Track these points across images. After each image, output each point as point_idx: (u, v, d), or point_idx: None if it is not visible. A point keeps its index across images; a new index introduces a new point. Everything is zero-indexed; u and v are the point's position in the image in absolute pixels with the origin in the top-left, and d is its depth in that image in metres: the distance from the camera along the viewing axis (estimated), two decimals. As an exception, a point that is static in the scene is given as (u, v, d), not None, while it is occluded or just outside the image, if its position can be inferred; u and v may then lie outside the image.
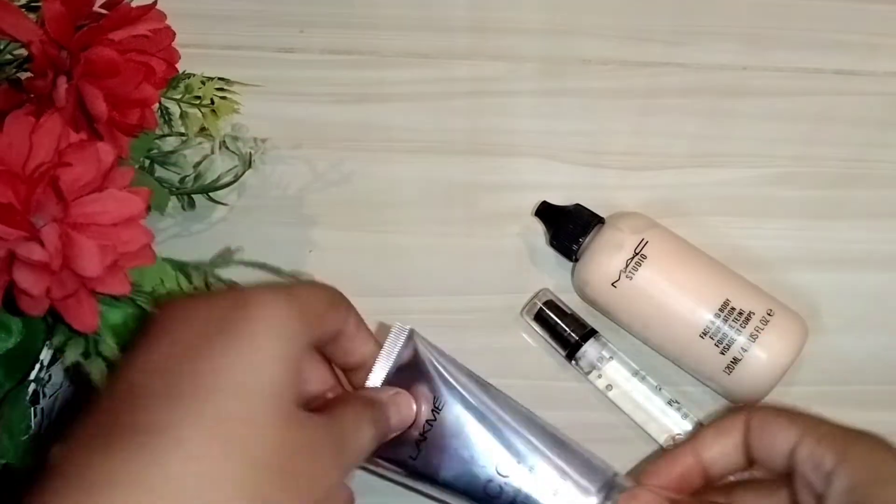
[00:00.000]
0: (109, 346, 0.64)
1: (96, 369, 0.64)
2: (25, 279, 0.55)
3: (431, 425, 0.65)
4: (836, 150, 0.87)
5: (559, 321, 0.80)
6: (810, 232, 0.84)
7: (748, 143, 0.87)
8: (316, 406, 0.57)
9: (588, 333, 0.80)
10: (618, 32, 0.90)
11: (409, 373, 0.66)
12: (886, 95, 0.88)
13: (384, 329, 0.70)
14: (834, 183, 0.86)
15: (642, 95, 0.88)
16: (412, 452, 0.65)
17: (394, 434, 0.63)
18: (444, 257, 0.84)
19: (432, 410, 0.65)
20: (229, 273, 0.77)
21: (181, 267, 0.73)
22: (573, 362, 0.80)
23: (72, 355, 0.63)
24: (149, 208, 0.74)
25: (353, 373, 0.65)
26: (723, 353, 0.74)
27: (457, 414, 0.65)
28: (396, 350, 0.67)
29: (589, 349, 0.79)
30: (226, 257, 0.79)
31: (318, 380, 0.64)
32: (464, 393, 0.66)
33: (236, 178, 0.82)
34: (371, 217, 0.85)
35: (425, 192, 0.86)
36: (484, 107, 0.88)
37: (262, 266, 0.79)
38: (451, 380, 0.66)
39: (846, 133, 0.87)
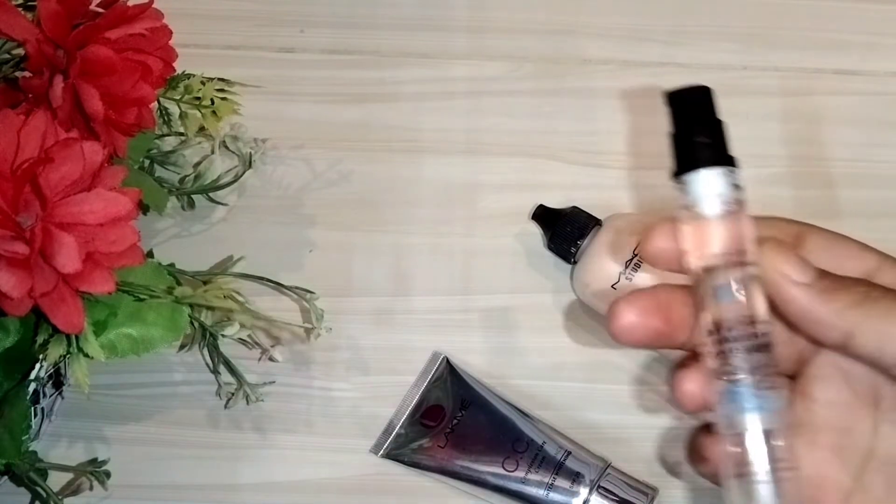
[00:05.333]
0: (92, 344, 0.63)
1: (78, 368, 0.64)
2: (7, 281, 0.55)
3: (459, 420, 0.77)
4: (835, 150, 0.86)
5: None
6: (810, 232, 0.84)
7: (748, 143, 0.85)
8: None
9: None
10: (618, 32, 0.90)
11: (443, 381, 0.79)
12: (886, 95, 0.88)
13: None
14: (833, 183, 0.86)
15: (642, 95, 0.88)
16: (441, 443, 0.77)
17: None
18: (444, 257, 0.84)
19: (460, 408, 0.77)
20: (228, 283, 0.77)
21: (173, 274, 0.73)
22: None
23: (54, 354, 0.63)
24: (145, 209, 0.75)
25: None
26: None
27: (479, 409, 0.78)
28: (434, 367, 0.80)
29: None
30: (224, 267, 0.79)
31: None
32: (484, 394, 0.78)
33: (236, 178, 0.82)
34: (371, 217, 0.85)
35: (425, 192, 0.86)
36: (484, 107, 0.88)
37: (261, 279, 0.79)
38: (474, 386, 0.79)
39: (846, 133, 0.87)
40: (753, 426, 0.45)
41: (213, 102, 0.78)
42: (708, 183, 0.46)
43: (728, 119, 0.86)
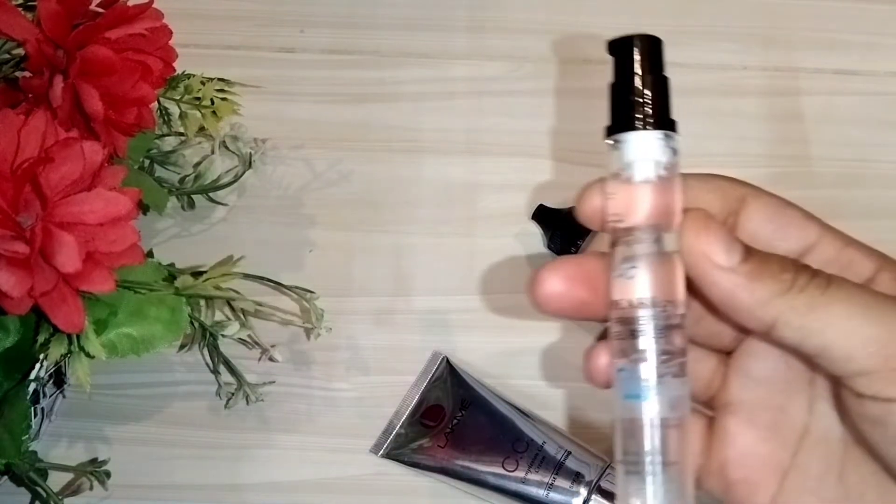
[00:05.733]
0: (93, 343, 0.63)
1: (79, 367, 0.64)
2: (7, 280, 0.55)
3: (459, 420, 0.76)
4: (835, 150, 0.87)
5: None
6: (809, 232, 0.84)
7: (748, 143, 0.86)
8: None
9: None
10: (617, 32, 0.90)
11: (443, 381, 0.79)
12: (886, 95, 0.88)
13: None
14: (833, 183, 0.86)
15: (642, 95, 0.88)
16: (441, 443, 0.76)
17: None
18: (444, 257, 0.84)
19: (460, 408, 0.77)
20: (226, 283, 0.77)
21: (172, 273, 0.73)
22: None
23: (55, 354, 0.63)
24: (145, 208, 0.75)
25: None
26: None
27: (479, 409, 0.77)
28: (434, 367, 0.80)
29: None
30: (224, 267, 0.79)
31: None
32: (484, 394, 0.78)
33: (236, 179, 0.82)
34: (371, 217, 0.85)
35: (425, 192, 0.86)
36: (484, 107, 0.88)
37: (261, 279, 0.79)
38: (474, 386, 0.79)
39: (846, 133, 0.87)
40: (647, 413, 0.43)
41: (212, 102, 0.78)
42: (643, 146, 0.43)
43: (728, 119, 0.87)
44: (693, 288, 0.43)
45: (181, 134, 0.80)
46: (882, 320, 0.39)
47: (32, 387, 0.68)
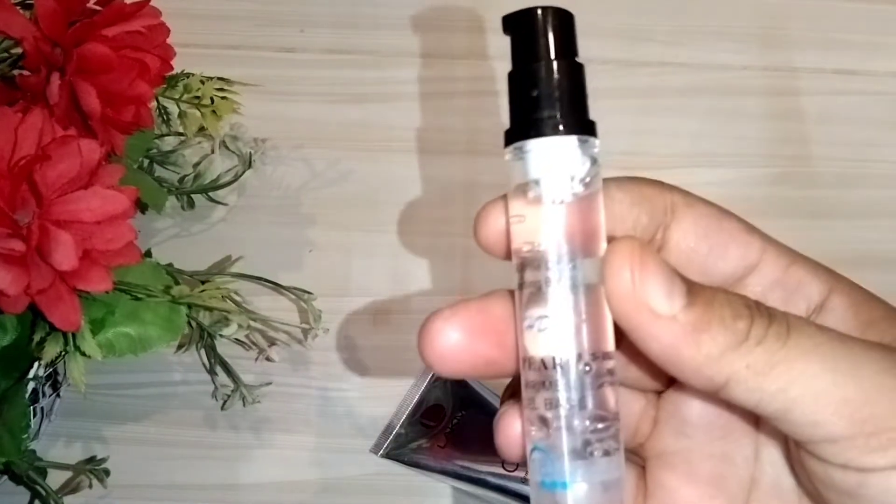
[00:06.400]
0: (89, 342, 0.63)
1: (75, 367, 0.64)
2: (3, 278, 0.55)
3: (459, 420, 0.76)
4: (836, 150, 0.86)
5: None
6: (809, 232, 0.84)
7: (748, 143, 0.86)
8: None
9: None
10: (618, 32, 0.90)
11: (443, 381, 0.78)
12: (886, 95, 0.88)
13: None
14: (834, 183, 0.86)
15: (642, 95, 0.88)
16: (441, 443, 0.76)
17: None
18: (444, 257, 0.84)
19: (460, 408, 0.77)
20: (227, 283, 0.77)
21: (171, 273, 0.73)
22: None
23: (50, 352, 0.63)
24: (143, 207, 0.75)
25: None
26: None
27: (479, 409, 0.77)
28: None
29: None
30: (222, 267, 0.79)
31: None
32: (484, 394, 0.78)
33: (236, 178, 0.82)
34: (370, 217, 0.85)
35: (425, 192, 0.86)
36: (484, 107, 0.88)
37: (259, 280, 0.79)
38: (474, 386, 0.79)
39: (846, 133, 0.87)
40: None
41: (212, 101, 0.78)
42: (553, 156, 0.34)
43: (728, 119, 0.87)
44: (619, 333, 0.35)
45: (181, 134, 0.80)
46: (854, 375, 0.33)
47: (31, 386, 0.68)
